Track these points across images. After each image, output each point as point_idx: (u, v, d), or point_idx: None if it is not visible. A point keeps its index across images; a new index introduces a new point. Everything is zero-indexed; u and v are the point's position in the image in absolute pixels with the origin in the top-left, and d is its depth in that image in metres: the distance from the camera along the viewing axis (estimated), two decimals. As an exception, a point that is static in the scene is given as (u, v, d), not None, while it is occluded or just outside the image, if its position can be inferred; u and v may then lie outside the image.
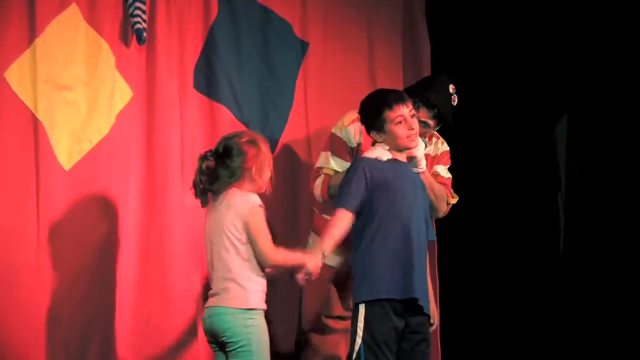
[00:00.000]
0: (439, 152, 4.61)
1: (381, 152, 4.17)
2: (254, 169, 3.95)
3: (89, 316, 4.35)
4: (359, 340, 4.02)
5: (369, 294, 4.05)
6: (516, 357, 5.39)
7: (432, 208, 4.43)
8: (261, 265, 3.91)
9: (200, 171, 3.97)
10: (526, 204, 4.90)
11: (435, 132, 4.59)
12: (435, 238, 4.41)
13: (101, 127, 4.47)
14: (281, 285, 4.55)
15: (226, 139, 4.01)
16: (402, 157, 4.21)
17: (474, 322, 5.40)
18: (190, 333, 4.40)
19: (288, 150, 4.90)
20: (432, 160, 4.58)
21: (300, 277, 3.95)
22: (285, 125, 4.92)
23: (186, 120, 4.65)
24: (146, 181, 4.55)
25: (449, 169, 4.61)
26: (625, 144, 5.40)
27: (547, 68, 5.55)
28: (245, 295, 3.88)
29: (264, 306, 3.93)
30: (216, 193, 3.96)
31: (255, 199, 3.93)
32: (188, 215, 4.42)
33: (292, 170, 4.89)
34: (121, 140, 4.49)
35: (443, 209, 4.52)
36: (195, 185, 3.98)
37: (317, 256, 3.98)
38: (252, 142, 3.99)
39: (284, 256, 3.94)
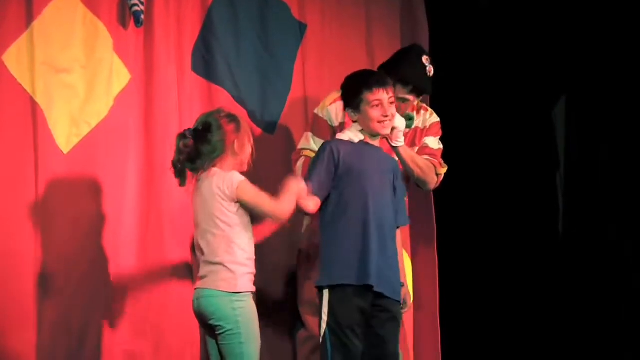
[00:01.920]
0: (427, 124, 4.65)
1: (354, 134, 4.19)
2: (235, 142, 3.93)
3: (88, 299, 4.35)
4: (324, 325, 4.04)
5: (328, 279, 4.08)
6: (516, 341, 5.40)
7: (421, 181, 4.54)
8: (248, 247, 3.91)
9: (178, 150, 3.94)
10: (524, 184, 4.89)
11: (424, 105, 4.63)
12: (406, 223, 4.39)
13: (99, 110, 4.47)
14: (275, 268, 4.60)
15: (205, 116, 4.01)
16: (374, 140, 4.22)
17: (473, 306, 5.40)
18: (189, 317, 4.27)
19: (286, 131, 4.90)
20: (421, 132, 4.62)
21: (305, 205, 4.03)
22: (283, 106, 4.91)
23: (184, 103, 4.65)
24: (145, 163, 4.55)
25: (441, 139, 4.62)
26: (623, 124, 5.40)
27: (545, 48, 5.55)
28: (233, 278, 3.87)
29: (253, 289, 3.93)
30: (197, 171, 3.92)
31: (238, 176, 3.90)
32: (186, 198, 4.27)
33: (290, 152, 4.82)
34: (119, 123, 4.49)
35: (432, 181, 4.57)
36: (174, 165, 3.96)
37: (297, 179, 4.06)
38: (231, 117, 3.99)
39: (287, 203, 3.94)
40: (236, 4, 4.83)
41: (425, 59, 4.52)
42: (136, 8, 4.44)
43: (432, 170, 4.54)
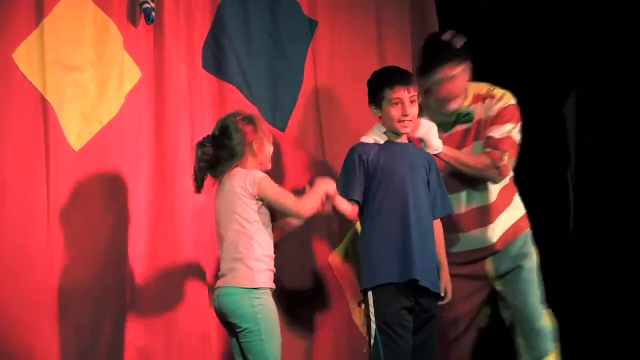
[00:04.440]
0: (491, 113, 4.51)
1: (377, 135, 4.23)
2: (254, 144, 4.00)
3: (101, 296, 4.33)
4: (373, 326, 4.10)
5: (371, 281, 4.14)
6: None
7: (480, 177, 4.47)
8: (268, 243, 3.95)
9: (198, 159, 4.03)
10: (535, 180, 4.87)
11: (492, 92, 4.53)
12: (446, 213, 4.40)
13: (110, 107, 4.46)
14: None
15: (222, 120, 4.09)
16: (400, 137, 4.24)
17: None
18: (202, 313, 4.39)
19: (298, 128, 4.88)
20: (484, 123, 4.50)
21: (327, 208, 4.09)
22: (295, 104, 4.89)
23: (195, 100, 4.62)
24: (156, 161, 4.53)
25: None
26: (635, 120, 5.37)
27: (556, 43, 5.50)
28: (251, 274, 3.91)
29: (272, 285, 3.97)
30: (218, 176, 3.99)
31: (258, 173, 3.96)
32: (198, 195, 4.32)
33: (301, 149, 4.87)
34: (130, 120, 4.47)
35: (493, 175, 4.46)
36: (195, 174, 4.04)
37: (329, 179, 4.09)
38: (248, 119, 4.05)
39: (310, 202, 3.98)
40: (246, 1, 4.80)
41: (446, 36, 4.50)
42: (146, 5, 4.44)
43: (486, 165, 4.42)
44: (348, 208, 4.15)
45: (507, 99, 4.50)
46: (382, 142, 4.21)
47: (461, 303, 4.57)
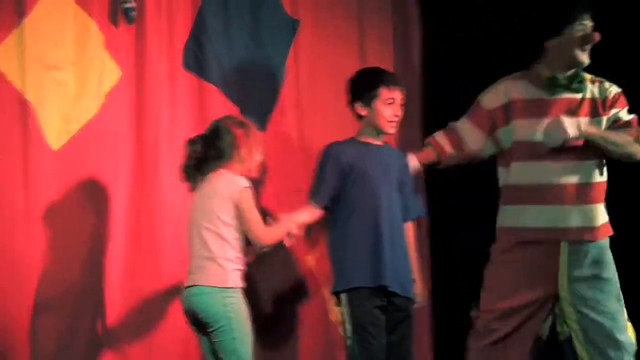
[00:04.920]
0: (608, 95, 4.26)
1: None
2: (242, 149, 4.03)
3: (79, 297, 4.35)
4: (348, 327, 4.15)
5: (344, 284, 4.18)
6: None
7: (624, 156, 4.20)
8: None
9: (188, 156, 4.06)
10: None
11: (596, 78, 4.31)
12: (418, 215, 4.42)
13: (90, 107, 4.46)
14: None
15: (215, 121, 4.11)
16: (377, 139, 4.26)
17: (466, 302, 5.36)
18: (181, 316, 4.31)
19: (279, 128, 4.88)
20: (600, 104, 4.26)
21: (288, 243, 4.17)
22: (276, 103, 4.89)
23: (176, 99, 4.64)
24: (136, 161, 4.55)
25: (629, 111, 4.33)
26: None
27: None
28: (223, 273, 3.93)
29: (242, 284, 3.99)
30: (203, 175, 4.03)
31: (243, 181, 3.99)
32: (179, 195, 4.39)
33: (282, 149, 4.86)
34: (110, 120, 4.49)
35: (635, 151, 4.20)
36: (184, 170, 4.07)
37: (290, 218, 4.11)
38: (241, 124, 4.09)
39: (275, 235, 4.05)
40: (228, 0, 4.79)
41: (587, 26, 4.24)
42: (127, 5, 4.46)
43: (629, 141, 4.18)
44: (306, 217, 4.19)
45: (614, 84, 4.34)
46: None
47: (519, 294, 4.18)
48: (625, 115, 4.25)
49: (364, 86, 4.25)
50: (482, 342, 4.17)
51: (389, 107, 4.24)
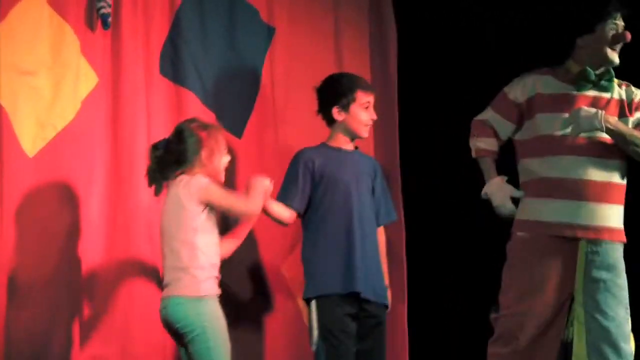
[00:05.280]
0: (635, 98, 4.27)
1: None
2: (203, 152, 3.99)
3: (54, 304, 4.30)
4: (315, 333, 4.15)
5: (315, 291, 4.19)
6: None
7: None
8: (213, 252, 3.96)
9: (151, 160, 4.02)
10: None
11: (624, 82, 4.32)
12: (390, 220, 4.43)
13: (66, 112, 4.42)
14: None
15: (179, 124, 4.09)
16: (348, 145, 4.28)
17: (443, 309, 5.38)
18: (157, 321, 4.27)
19: (254, 134, 4.88)
20: (627, 105, 4.26)
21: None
22: (252, 110, 4.88)
23: (152, 106, 4.61)
24: (112, 167, 4.51)
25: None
26: None
27: (517, 59, 5.43)
28: (196, 283, 3.91)
29: (217, 291, 3.97)
30: (167, 179, 3.99)
31: (201, 178, 3.95)
32: (154, 202, 4.36)
33: (257, 155, 4.87)
34: (86, 126, 4.44)
35: None
36: (148, 174, 4.04)
37: (261, 177, 4.05)
38: (204, 126, 4.06)
39: (257, 198, 4.01)
40: (205, 6, 4.79)
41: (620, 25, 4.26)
42: (103, 10, 4.42)
43: None
44: (285, 215, 4.20)
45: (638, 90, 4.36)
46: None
47: (539, 295, 4.13)
48: None
49: (341, 91, 4.28)
50: (504, 349, 4.12)
51: (366, 110, 4.29)
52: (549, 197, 4.15)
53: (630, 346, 4.10)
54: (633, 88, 4.31)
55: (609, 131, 4.08)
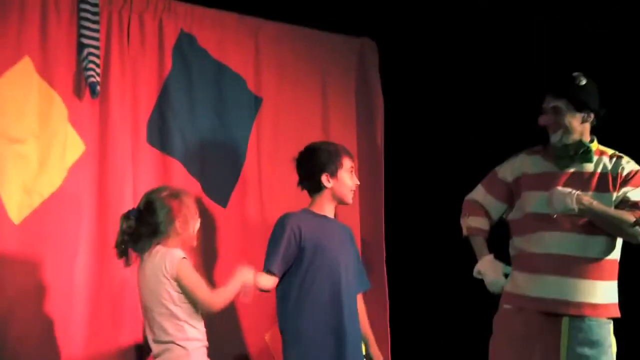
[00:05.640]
0: (623, 172, 4.25)
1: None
2: (177, 222, 3.95)
3: None
4: None
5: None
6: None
7: (623, 237, 4.20)
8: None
9: (122, 231, 3.98)
10: None
11: (618, 154, 4.31)
12: (368, 287, 4.44)
13: (53, 180, 4.44)
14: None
15: (147, 195, 4.03)
16: (330, 213, 4.30)
17: (425, 338, 5.38)
18: None
19: (239, 204, 4.91)
20: (612, 179, 4.25)
21: (244, 299, 4.00)
22: (237, 180, 4.92)
23: (139, 174, 4.64)
24: (98, 235, 4.52)
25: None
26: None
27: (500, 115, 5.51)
28: (187, 355, 3.89)
29: None
30: (140, 252, 3.95)
31: (178, 253, 3.92)
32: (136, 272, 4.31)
33: (242, 225, 4.89)
34: (73, 193, 4.47)
35: (634, 233, 4.17)
36: (117, 246, 3.99)
37: (246, 270, 3.98)
38: (174, 195, 4.01)
39: (224, 295, 3.94)
40: (193, 76, 4.85)
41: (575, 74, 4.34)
42: (92, 80, 4.46)
43: (627, 223, 4.14)
44: (268, 284, 4.15)
45: (633, 162, 4.33)
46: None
47: None
48: (636, 195, 4.23)
49: (328, 158, 4.30)
50: None
51: (351, 175, 4.32)
52: (534, 272, 4.19)
53: None
54: (624, 160, 4.30)
55: (581, 211, 4.10)
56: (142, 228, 3.94)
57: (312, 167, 4.32)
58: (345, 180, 4.30)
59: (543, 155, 4.33)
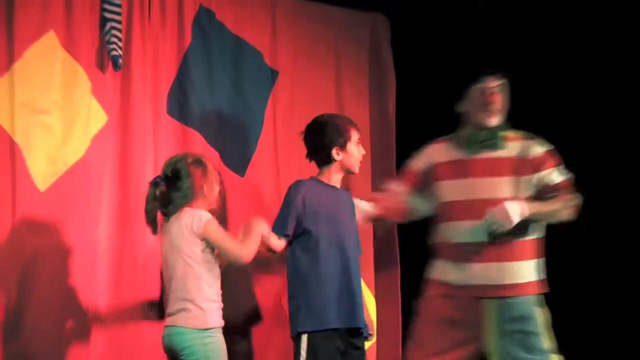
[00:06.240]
0: (535, 155, 4.44)
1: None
2: (204, 186, 4.12)
3: (63, 334, 4.40)
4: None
5: (316, 325, 4.17)
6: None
7: (557, 221, 4.41)
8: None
9: (153, 197, 4.12)
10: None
11: (528, 135, 4.49)
12: (360, 252, 4.47)
13: (76, 150, 4.53)
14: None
15: (172, 162, 4.17)
16: (337, 182, 4.38)
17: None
18: (160, 347, 4.33)
19: (256, 173, 4.99)
20: (525, 163, 4.42)
21: (262, 249, 4.13)
22: (254, 150, 5.00)
23: (159, 144, 4.73)
24: (119, 203, 4.62)
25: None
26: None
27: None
28: (203, 315, 4.01)
29: (222, 323, 4.07)
30: (170, 215, 4.09)
31: (205, 215, 4.07)
32: (160, 236, 4.38)
33: (259, 193, 4.98)
34: (96, 162, 4.56)
35: (569, 216, 4.41)
36: (147, 212, 4.11)
37: (263, 221, 4.12)
38: (198, 162, 4.16)
39: (251, 245, 4.07)
40: (211, 50, 4.92)
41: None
42: (114, 52, 4.55)
43: (562, 210, 4.41)
44: (277, 243, 4.23)
45: (544, 143, 4.49)
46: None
47: (447, 354, 4.40)
48: (556, 176, 4.42)
49: (337, 131, 4.34)
50: None
51: (359, 147, 4.39)
52: (455, 260, 4.39)
53: None
54: (533, 142, 4.45)
55: (530, 219, 4.31)
56: (172, 192, 4.09)
57: (322, 141, 4.35)
58: (354, 152, 4.36)
59: (453, 144, 4.50)
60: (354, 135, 4.36)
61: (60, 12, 4.54)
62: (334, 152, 4.33)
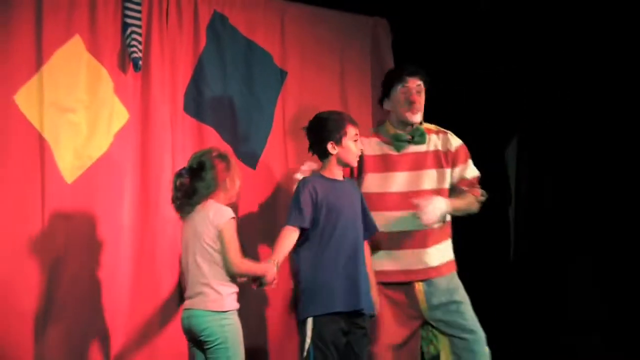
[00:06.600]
0: (452, 149, 4.71)
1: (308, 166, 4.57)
2: (227, 180, 4.26)
3: (87, 319, 4.58)
4: (308, 341, 4.30)
5: (319, 309, 4.31)
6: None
7: (465, 214, 4.73)
8: (228, 271, 4.19)
9: (176, 188, 4.26)
10: (479, 217, 4.96)
11: (441, 129, 4.73)
12: (375, 230, 4.61)
13: (100, 145, 4.69)
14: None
15: (198, 155, 4.30)
16: (338, 175, 4.50)
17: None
18: (178, 331, 4.47)
19: (267, 166, 5.14)
20: (445, 155, 4.69)
21: (254, 286, 4.27)
22: (265, 145, 5.15)
23: (177, 140, 4.87)
24: (140, 194, 4.76)
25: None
26: (567, 163, 5.64)
27: (500, 94, 5.74)
28: (220, 299, 4.17)
29: (237, 306, 4.23)
30: (194, 206, 4.23)
31: (230, 212, 4.22)
32: (178, 225, 4.54)
33: (269, 185, 5.13)
34: (118, 157, 4.71)
35: (476, 210, 4.75)
36: (174, 201, 4.27)
37: (273, 267, 4.25)
38: (222, 157, 4.30)
39: (247, 266, 4.24)
40: (225, 52, 5.05)
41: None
42: (135, 55, 4.69)
43: (472, 203, 4.72)
44: (293, 236, 4.36)
45: (456, 137, 4.73)
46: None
47: (395, 330, 4.70)
48: (469, 172, 4.72)
49: (333, 127, 4.43)
50: None
51: (356, 143, 4.47)
52: (383, 249, 4.67)
53: (485, 347, 4.63)
54: (450, 136, 4.70)
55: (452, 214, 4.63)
56: (197, 183, 4.21)
57: (319, 135, 4.45)
58: (350, 147, 4.43)
59: (378, 138, 4.69)
60: (351, 131, 4.43)
61: (85, 18, 4.69)
62: (329, 146, 4.43)
